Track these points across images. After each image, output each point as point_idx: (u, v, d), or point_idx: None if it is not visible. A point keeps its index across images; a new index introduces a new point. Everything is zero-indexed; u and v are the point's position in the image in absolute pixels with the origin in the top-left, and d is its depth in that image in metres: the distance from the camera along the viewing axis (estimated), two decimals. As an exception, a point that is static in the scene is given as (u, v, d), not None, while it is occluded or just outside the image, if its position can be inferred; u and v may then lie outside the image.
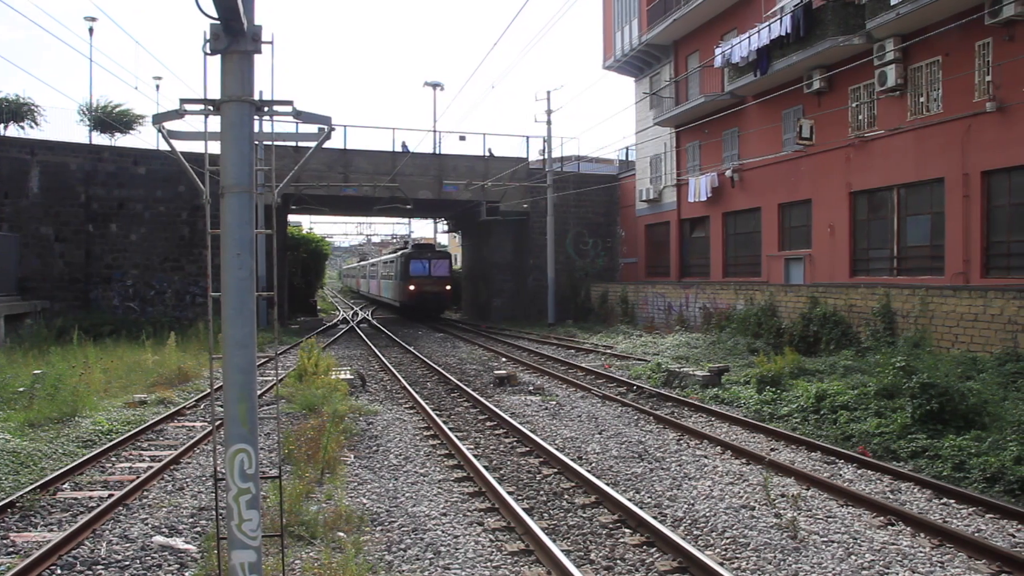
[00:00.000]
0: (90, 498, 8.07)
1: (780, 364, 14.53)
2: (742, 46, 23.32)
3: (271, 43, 4.14)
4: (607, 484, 8.34)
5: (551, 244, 32.19)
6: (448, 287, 38.22)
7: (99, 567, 6.20)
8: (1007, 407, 10.45)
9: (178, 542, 6.74)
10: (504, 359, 21.08)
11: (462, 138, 34.09)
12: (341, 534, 6.78)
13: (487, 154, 33.77)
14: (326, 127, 4.59)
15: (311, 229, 57.73)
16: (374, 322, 38.32)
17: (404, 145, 33.85)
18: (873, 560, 6.33)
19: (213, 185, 4.13)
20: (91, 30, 29.64)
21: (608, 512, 7.63)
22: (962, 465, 8.85)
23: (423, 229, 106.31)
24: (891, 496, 8.15)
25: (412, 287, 37.11)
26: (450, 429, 11.44)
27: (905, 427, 10.21)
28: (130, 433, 10.93)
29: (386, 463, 9.67)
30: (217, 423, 6.56)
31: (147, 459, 9.85)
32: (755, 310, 21.20)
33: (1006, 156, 16.45)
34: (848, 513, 7.55)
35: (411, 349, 23.64)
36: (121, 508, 7.68)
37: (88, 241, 27.02)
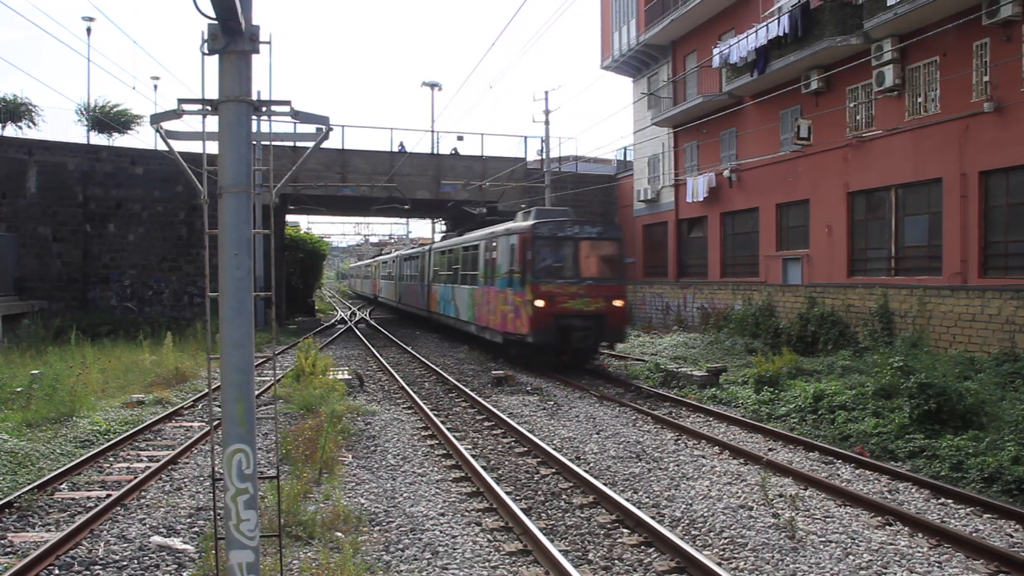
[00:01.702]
0: (88, 498, 8.06)
1: (778, 364, 14.54)
2: (740, 46, 23.34)
3: (269, 43, 4.13)
4: (605, 484, 8.34)
5: (549, 244, 32.09)
6: (619, 300, 18.21)
7: (97, 567, 6.19)
8: (1005, 407, 10.47)
9: (176, 542, 6.73)
10: (502, 359, 21.06)
11: (460, 138, 34.09)
12: (339, 534, 6.78)
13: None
14: (324, 127, 4.58)
15: (309, 229, 57.73)
16: (372, 323, 38.28)
17: (401, 145, 33.86)
18: (871, 560, 6.33)
19: (211, 185, 4.13)
20: (89, 30, 29.66)
21: (606, 512, 7.63)
22: (960, 465, 8.86)
23: (421, 229, 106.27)
24: (889, 496, 8.16)
25: (542, 302, 17.37)
26: (448, 429, 11.43)
27: (903, 427, 10.22)
28: (128, 433, 10.91)
29: (384, 463, 9.66)
30: (215, 423, 6.56)
31: (145, 459, 9.84)
32: (753, 310, 21.21)
33: (1004, 156, 16.48)
34: (846, 513, 7.56)
35: (409, 349, 23.63)
36: (119, 508, 7.67)
37: (86, 241, 26.99)
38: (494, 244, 20.28)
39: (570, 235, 18.28)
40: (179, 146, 4.71)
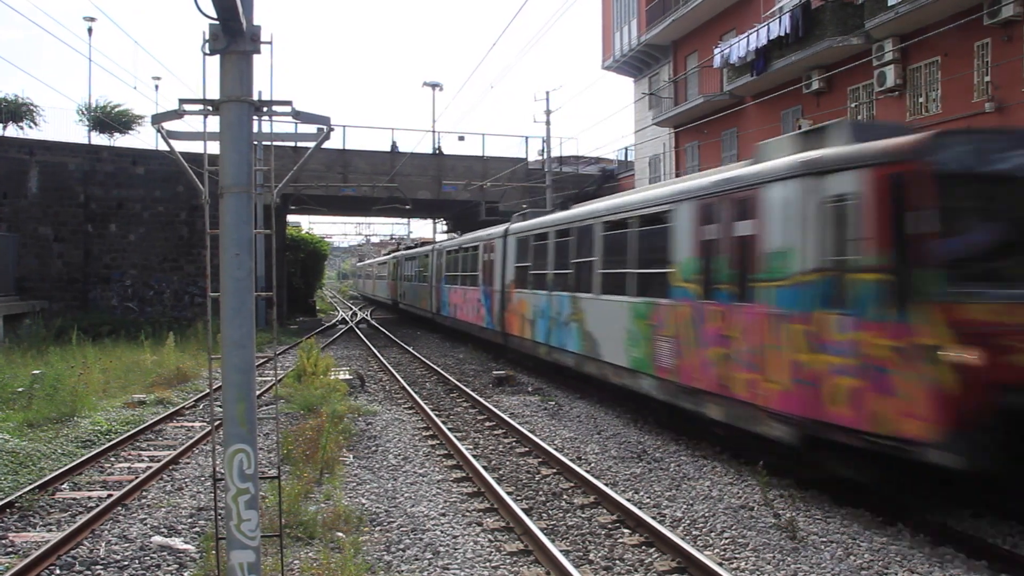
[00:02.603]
0: (89, 498, 8.06)
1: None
2: (741, 46, 23.32)
3: (270, 43, 4.14)
4: (606, 484, 8.34)
5: (550, 244, 32.06)
6: None
7: (98, 567, 6.19)
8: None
9: (177, 542, 6.73)
10: (503, 359, 21.06)
11: (461, 138, 34.14)
12: (340, 534, 6.78)
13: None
14: (325, 127, 4.58)
15: (310, 229, 57.66)
16: (373, 323, 38.30)
17: (394, 144, 33.72)
18: (872, 560, 6.32)
19: (212, 185, 4.13)
20: (90, 30, 29.70)
21: (607, 512, 7.63)
22: (961, 465, 8.83)
23: (422, 229, 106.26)
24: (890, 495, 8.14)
25: (974, 354, 5.89)
26: (449, 429, 11.43)
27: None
28: (129, 433, 10.92)
29: (385, 463, 9.66)
30: (216, 423, 6.55)
31: (146, 459, 9.85)
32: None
33: (1005, 156, 16.45)
34: (847, 513, 7.54)
35: (409, 349, 23.64)
36: (120, 508, 7.68)
37: (87, 241, 27.00)
38: (745, 203, 8.68)
39: (1015, 170, 6.90)
40: (180, 146, 4.71)
